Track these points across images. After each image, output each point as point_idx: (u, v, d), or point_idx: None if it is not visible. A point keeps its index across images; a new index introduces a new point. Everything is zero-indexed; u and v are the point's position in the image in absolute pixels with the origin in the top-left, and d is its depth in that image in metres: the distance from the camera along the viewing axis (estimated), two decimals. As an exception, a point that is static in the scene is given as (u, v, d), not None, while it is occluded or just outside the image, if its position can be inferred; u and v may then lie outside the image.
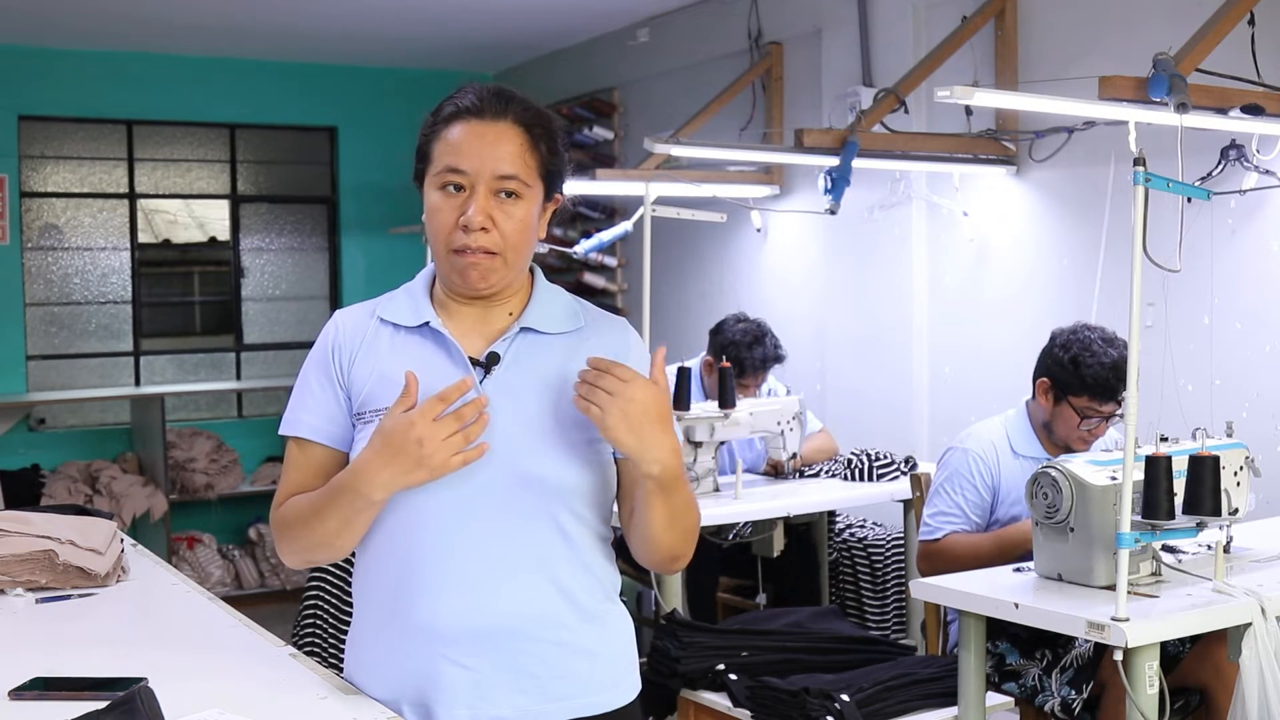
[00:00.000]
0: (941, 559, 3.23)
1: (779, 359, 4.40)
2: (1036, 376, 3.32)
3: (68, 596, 2.35)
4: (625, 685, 1.86)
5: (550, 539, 1.77)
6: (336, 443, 1.83)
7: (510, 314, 1.84)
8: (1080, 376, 3.19)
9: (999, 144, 4.53)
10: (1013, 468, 3.27)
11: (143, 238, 7.08)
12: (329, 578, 3.91)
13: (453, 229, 1.75)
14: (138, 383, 7.05)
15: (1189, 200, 3.19)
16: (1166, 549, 2.86)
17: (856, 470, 4.24)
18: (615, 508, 1.89)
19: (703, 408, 4.01)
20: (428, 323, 1.81)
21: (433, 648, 1.75)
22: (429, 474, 1.66)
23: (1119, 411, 3.21)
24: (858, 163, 4.18)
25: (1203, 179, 3.75)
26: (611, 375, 1.66)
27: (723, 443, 4.15)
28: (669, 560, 1.88)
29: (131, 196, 7.02)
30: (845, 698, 2.79)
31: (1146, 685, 2.39)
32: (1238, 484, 2.77)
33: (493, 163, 1.75)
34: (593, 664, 1.81)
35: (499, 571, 1.74)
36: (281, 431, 1.85)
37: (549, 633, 1.77)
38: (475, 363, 1.79)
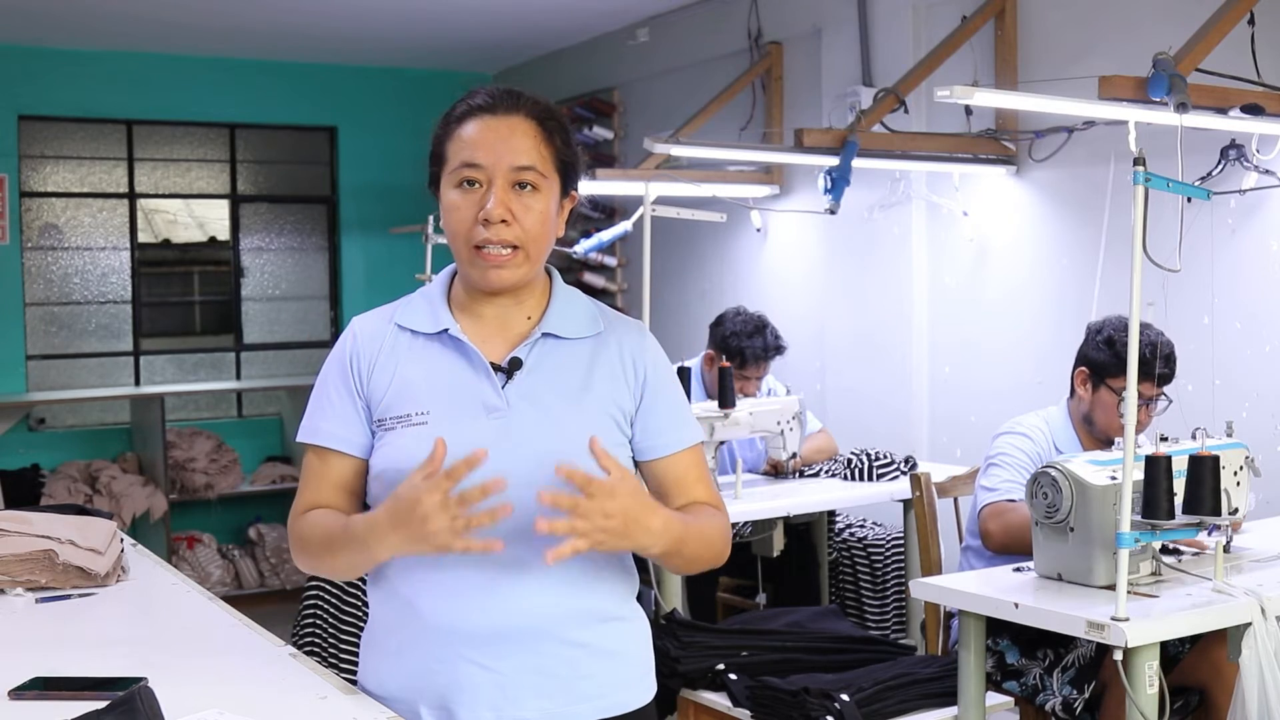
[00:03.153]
0: (1015, 514, 3.10)
1: (780, 349, 4.40)
2: (1075, 369, 3.31)
3: (68, 596, 2.35)
4: (644, 686, 1.87)
5: None
6: (356, 450, 1.83)
7: (529, 317, 1.84)
8: (1116, 355, 3.18)
9: (999, 144, 4.54)
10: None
11: (143, 237, 7.08)
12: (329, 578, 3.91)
13: (473, 225, 1.75)
14: (138, 383, 7.05)
15: (1189, 200, 3.19)
16: (1166, 551, 2.86)
17: (856, 470, 4.24)
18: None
19: (703, 407, 4.01)
20: (446, 330, 1.81)
21: (455, 649, 1.75)
22: (432, 550, 1.63)
23: (1158, 396, 3.18)
24: (858, 162, 4.18)
25: (1203, 179, 3.75)
26: (585, 502, 1.60)
27: (723, 442, 4.14)
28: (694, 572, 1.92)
29: (131, 196, 7.02)
30: (845, 698, 2.78)
31: (1146, 685, 2.39)
32: (1238, 484, 2.77)
33: (509, 155, 1.75)
34: (615, 664, 1.82)
35: (522, 574, 1.74)
36: (300, 439, 1.85)
37: (573, 634, 1.77)
38: (497, 368, 1.79)
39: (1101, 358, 3.22)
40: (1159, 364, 3.11)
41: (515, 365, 1.79)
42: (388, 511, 1.66)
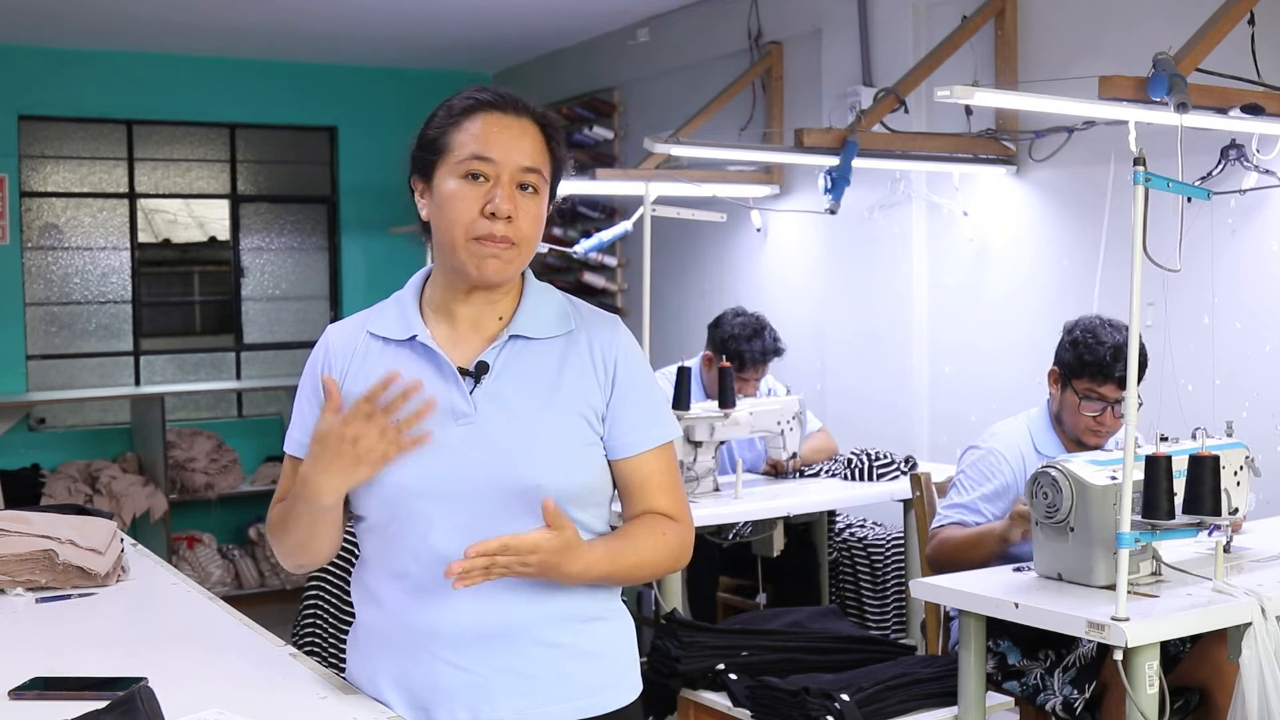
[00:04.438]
0: (937, 546, 3.21)
1: (778, 352, 4.40)
2: (1049, 369, 3.32)
3: (68, 596, 2.35)
4: (625, 686, 1.87)
5: None
6: None
7: (500, 318, 1.84)
8: (1079, 357, 3.17)
9: (999, 144, 4.54)
10: (1036, 468, 3.24)
11: (143, 237, 7.08)
12: (329, 578, 3.91)
13: (476, 217, 1.75)
14: (138, 383, 7.05)
15: (1189, 200, 3.19)
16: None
17: (856, 470, 4.24)
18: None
19: (703, 407, 4.01)
20: (415, 336, 1.82)
21: (432, 651, 1.76)
22: (370, 469, 1.68)
23: (1122, 397, 3.18)
24: (858, 162, 4.18)
25: (1203, 179, 3.75)
26: (502, 558, 1.65)
27: (723, 442, 4.14)
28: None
29: (131, 196, 7.02)
30: (845, 698, 2.78)
31: (1146, 685, 2.39)
32: (1238, 484, 2.77)
33: (518, 155, 1.77)
34: (593, 665, 1.82)
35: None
36: (284, 448, 1.89)
37: (548, 634, 1.78)
38: (464, 373, 1.79)
39: (1068, 358, 3.21)
40: (1119, 366, 3.09)
41: (482, 369, 1.79)
42: (315, 456, 1.69)
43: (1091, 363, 3.15)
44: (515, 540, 1.65)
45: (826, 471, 4.32)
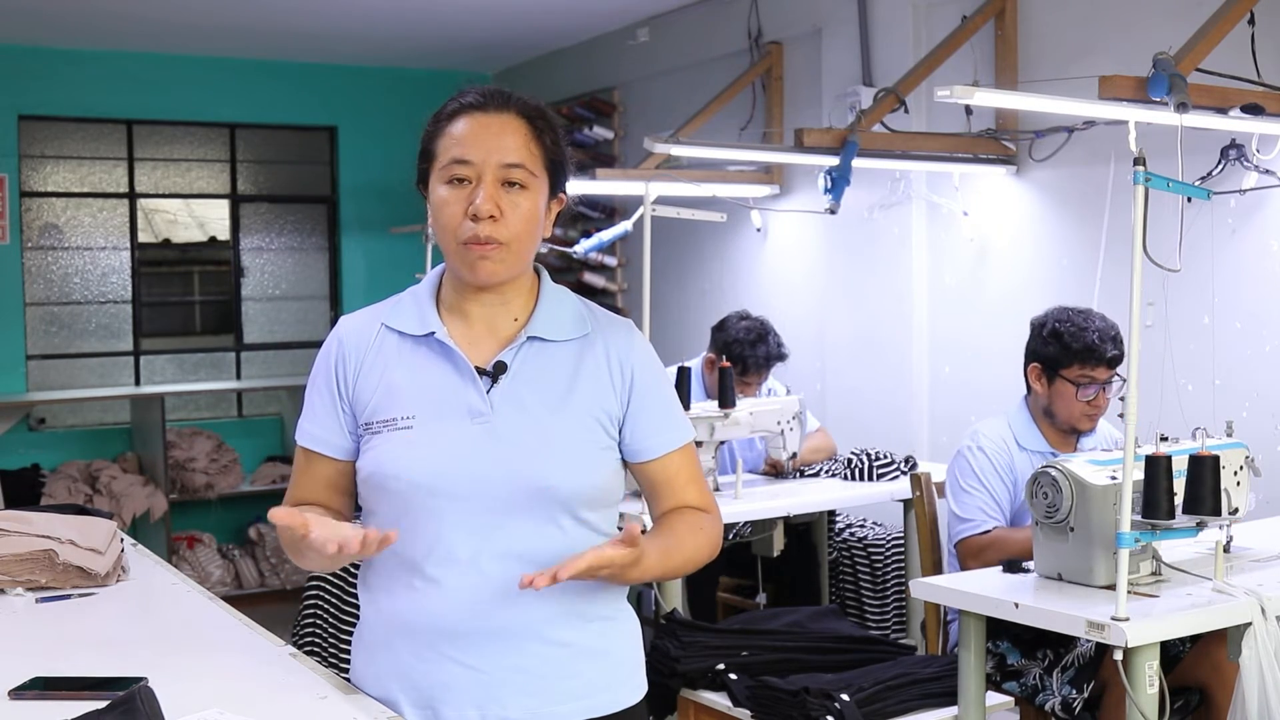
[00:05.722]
0: (995, 551, 3.14)
1: (781, 357, 4.41)
2: (1026, 366, 3.33)
3: (68, 596, 2.35)
4: (632, 685, 1.87)
5: (559, 543, 1.77)
6: (339, 453, 1.85)
7: (516, 319, 1.84)
8: (1065, 345, 3.21)
9: (999, 144, 4.54)
10: (1023, 463, 3.27)
11: (143, 237, 7.08)
12: (329, 577, 3.91)
13: (461, 220, 1.75)
14: (138, 382, 7.05)
15: (1189, 200, 3.20)
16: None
17: (856, 470, 4.24)
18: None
19: (703, 407, 4.01)
20: (433, 333, 1.81)
21: (440, 649, 1.76)
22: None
23: (1111, 378, 3.21)
24: (858, 162, 4.18)
25: (1203, 179, 3.75)
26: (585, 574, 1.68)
27: (723, 442, 4.14)
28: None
29: (131, 196, 7.02)
30: (845, 697, 2.78)
31: (1146, 685, 2.39)
32: (1238, 484, 2.77)
33: (498, 152, 1.76)
34: (600, 664, 1.82)
35: (507, 574, 1.74)
36: (295, 438, 1.90)
37: (557, 634, 1.78)
38: (482, 372, 1.79)
39: (1051, 350, 3.25)
40: (1109, 346, 3.19)
41: (500, 369, 1.79)
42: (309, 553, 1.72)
43: (1081, 349, 3.20)
44: (597, 560, 1.66)
45: (826, 471, 4.32)
